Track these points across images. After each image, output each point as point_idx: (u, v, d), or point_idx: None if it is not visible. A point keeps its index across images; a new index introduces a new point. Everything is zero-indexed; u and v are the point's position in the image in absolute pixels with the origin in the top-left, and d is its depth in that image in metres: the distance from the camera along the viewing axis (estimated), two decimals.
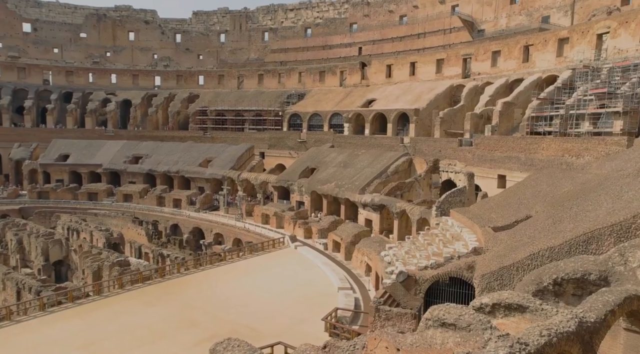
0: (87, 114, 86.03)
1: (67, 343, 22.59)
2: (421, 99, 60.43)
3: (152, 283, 32.17)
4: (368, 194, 44.44)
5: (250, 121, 79.66)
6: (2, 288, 36.32)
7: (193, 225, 57.20)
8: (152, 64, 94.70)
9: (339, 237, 40.73)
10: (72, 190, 68.13)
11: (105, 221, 59.68)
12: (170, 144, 74.80)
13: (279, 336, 20.98)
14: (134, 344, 22.31)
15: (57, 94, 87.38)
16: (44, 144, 76.18)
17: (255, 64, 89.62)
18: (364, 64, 75.32)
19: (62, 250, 46.93)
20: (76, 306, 28.06)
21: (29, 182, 71.36)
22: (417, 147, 50.52)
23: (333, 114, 69.74)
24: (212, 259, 38.19)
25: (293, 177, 55.94)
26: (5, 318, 25.96)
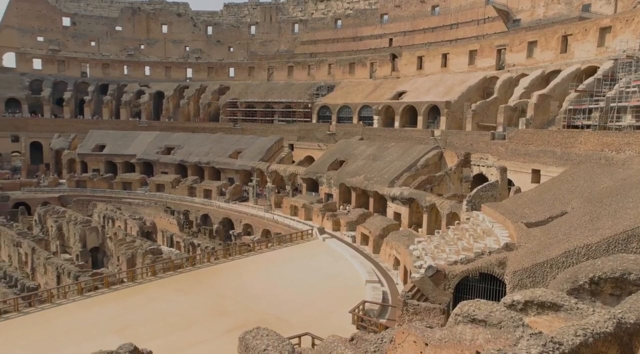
0: (122, 106, 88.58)
1: (104, 327, 23.48)
2: (453, 91, 59.22)
3: (183, 272, 32.98)
4: (397, 187, 44.07)
5: (280, 113, 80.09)
6: (43, 272, 38.06)
7: (223, 215, 58.21)
8: (184, 56, 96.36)
9: (367, 230, 40.63)
10: (107, 179, 70.46)
11: (138, 210, 61.51)
12: (201, 136, 76.12)
13: (307, 327, 21.19)
14: (167, 330, 22.98)
15: (94, 86, 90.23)
16: (82, 134, 78.95)
17: (285, 56, 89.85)
18: (395, 55, 74.34)
19: (99, 237, 48.71)
20: (111, 291, 29.09)
21: (67, 172, 74.20)
22: (448, 140, 49.64)
23: (362, 106, 69.29)
24: (242, 250, 38.82)
25: (322, 169, 56.02)
26: (47, 301, 27.23)
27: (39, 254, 40.03)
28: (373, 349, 12.59)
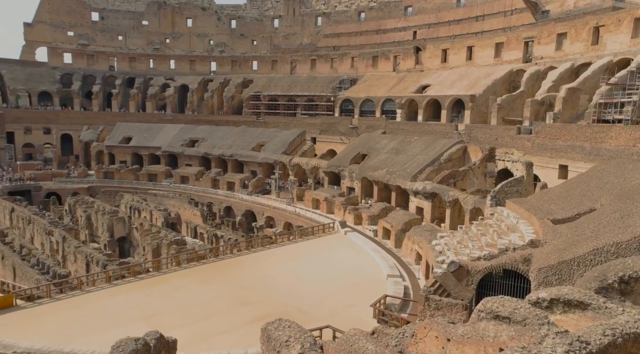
0: (148, 99, 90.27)
1: (131, 314, 24.19)
2: (478, 85, 58.15)
3: (206, 262, 33.60)
4: (420, 181, 43.70)
5: (302, 106, 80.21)
6: (74, 260, 39.36)
7: (245, 208, 58.90)
8: (208, 50, 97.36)
9: (389, 224, 40.49)
10: (134, 171, 72.10)
11: (163, 201, 62.80)
12: (224, 129, 76.97)
13: (328, 320, 21.34)
14: (191, 319, 23.51)
15: (121, 79, 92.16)
16: (110, 127, 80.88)
17: (307, 49, 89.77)
18: (419, 48, 73.35)
19: (125, 227, 49.98)
20: (138, 280, 29.89)
21: (96, 163, 76.26)
22: (472, 134, 48.85)
23: (385, 99, 68.76)
24: (264, 242, 39.25)
25: (344, 163, 55.97)
26: (77, 288, 28.19)
27: (69, 242, 41.39)
28: (394, 343, 12.61)
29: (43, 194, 66.61)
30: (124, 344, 8.01)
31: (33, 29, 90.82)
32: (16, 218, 53.35)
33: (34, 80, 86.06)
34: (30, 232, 49.63)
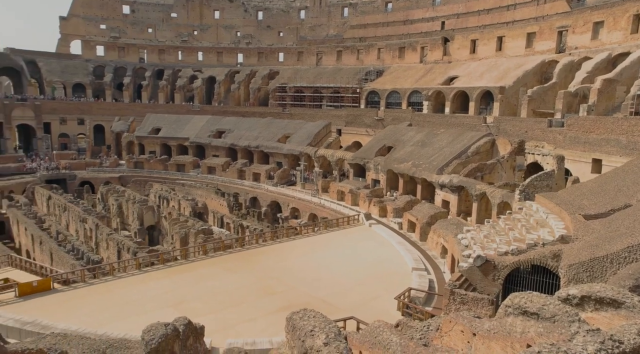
0: (176, 90, 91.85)
1: (160, 300, 24.92)
2: (507, 76, 56.70)
3: (232, 252, 34.19)
4: (446, 174, 43.14)
5: (328, 98, 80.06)
6: (106, 247, 40.70)
7: (271, 199, 59.48)
8: (235, 42, 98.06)
9: (414, 217, 40.21)
10: (162, 161, 73.71)
11: (191, 191, 64.04)
12: (250, 120, 77.66)
13: (351, 311, 21.47)
14: (218, 306, 24.05)
15: (151, 71, 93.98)
16: (140, 118, 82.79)
17: (334, 41, 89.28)
18: (447, 39, 71.95)
19: (155, 216, 51.27)
20: (166, 267, 30.69)
21: (127, 153, 78.29)
22: (501, 127, 47.79)
23: (412, 91, 67.89)
24: (289, 233, 39.61)
25: (369, 155, 55.73)
26: (109, 273, 29.20)
27: (101, 230, 42.80)
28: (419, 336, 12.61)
29: (77, 182, 68.95)
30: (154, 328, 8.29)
31: (68, 22, 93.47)
32: (53, 205, 55.45)
33: (68, 72, 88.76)
34: (65, 219, 51.51)
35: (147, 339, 7.65)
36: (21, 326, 20.81)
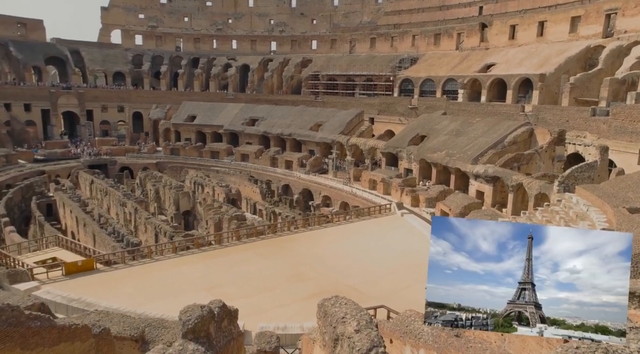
0: (211, 78, 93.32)
1: (195, 284, 25.75)
2: (548, 63, 54.52)
3: (265, 238, 34.78)
4: (481, 164, 42.22)
5: (361, 86, 79.40)
6: (144, 230, 42.26)
7: (303, 186, 59.94)
8: (268, 30, 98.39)
9: (447, 207, 39.68)
10: (197, 148, 75.39)
11: (225, 178, 65.34)
12: (283, 108, 78.11)
13: (382, 300, 21.54)
14: (251, 291, 24.64)
15: (187, 59, 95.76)
16: (176, 105, 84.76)
17: (367, 28, 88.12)
18: (484, 25, 69.68)
19: (190, 202, 52.70)
20: (201, 252, 31.58)
21: (163, 140, 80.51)
22: (540, 116, 46.19)
23: (447, 79, 66.40)
24: (320, 220, 39.91)
25: (402, 144, 55.14)
26: (147, 256, 30.36)
27: (140, 214, 44.41)
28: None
29: (117, 168, 71.60)
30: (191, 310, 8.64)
31: (109, 12, 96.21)
32: (95, 189, 57.88)
33: (109, 61, 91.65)
34: (107, 202, 53.71)
35: (184, 320, 8.01)
36: (68, 302, 22.04)
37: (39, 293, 23.02)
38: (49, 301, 20.15)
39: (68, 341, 11.01)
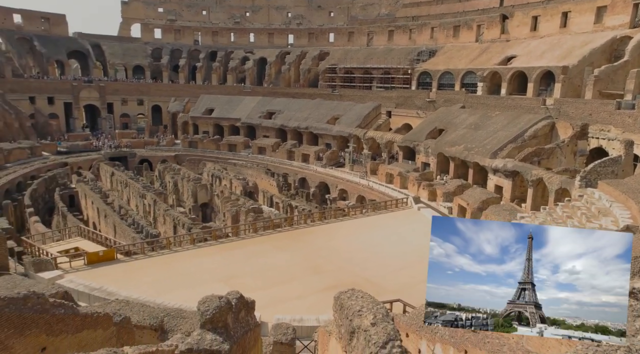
0: (229, 72, 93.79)
1: (212, 274, 26.12)
2: (572, 55, 53.20)
3: (281, 231, 35.00)
4: (500, 158, 41.60)
5: (378, 79, 78.80)
6: (163, 222, 42.93)
7: (319, 180, 60.01)
8: (285, 23, 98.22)
9: (465, 202, 39.28)
10: (215, 141, 76.02)
11: (242, 171, 65.82)
12: (300, 101, 78.10)
13: (398, 294, 21.52)
14: (267, 282, 24.88)
15: (205, 53, 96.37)
16: (194, 98, 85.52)
17: (385, 20, 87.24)
18: (505, 16, 68.27)
19: (208, 194, 53.28)
20: (218, 244, 31.97)
21: (182, 133, 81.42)
22: (562, 109, 45.20)
23: (466, 72, 65.41)
24: (336, 214, 39.94)
25: (419, 137, 54.67)
26: (166, 247, 30.86)
27: (159, 206, 45.11)
28: None
29: (137, 160, 72.75)
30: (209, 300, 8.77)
31: (129, 6, 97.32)
32: (115, 181, 58.97)
33: (129, 54, 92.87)
34: (127, 194, 54.68)
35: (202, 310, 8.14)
36: (90, 291, 22.60)
37: (62, 281, 23.67)
38: (71, 290, 20.69)
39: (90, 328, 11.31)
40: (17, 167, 56.91)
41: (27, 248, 31.72)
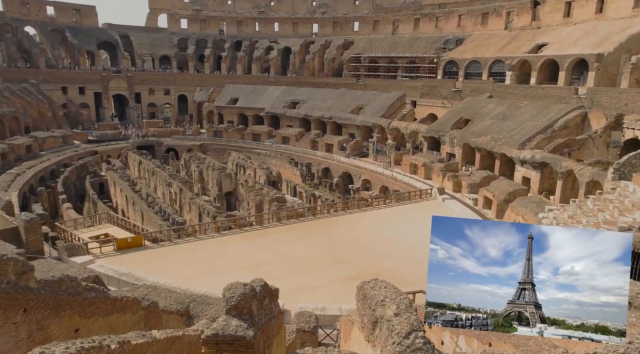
0: (253, 61, 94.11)
1: (236, 262, 26.55)
2: (607, 42, 51.10)
3: (305, 220, 35.24)
4: (528, 150, 40.59)
5: (403, 68, 77.68)
6: (188, 210, 43.76)
7: (343, 169, 59.91)
8: (310, 11, 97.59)
9: (490, 193, 38.60)
10: (239, 130, 76.70)
11: (266, 160, 66.30)
12: (324, 91, 77.81)
13: (421, 285, 21.28)
14: (289, 271, 25.15)
15: (230, 42, 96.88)
16: (219, 88, 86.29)
17: (411, 8, 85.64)
18: (537, 2, 65.98)
19: (232, 183, 53.93)
20: (242, 232, 32.46)
21: (207, 122, 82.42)
22: (596, 99, 43.63)
23: (494, 61, 63.75)
24: (360, 204, 39.89)
25: (445, 128, 53.81)
26: (191, 235, 31.51)
27: (185, 194, 45.96)
28: None
29: (163, 149, 74.16)
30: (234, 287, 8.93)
31: None
32: (143, 170, 60.34)
33: (156, 45, 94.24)
34: (154, 182, 55.92)
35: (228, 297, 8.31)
36: (119, 276, 23.33)
37: (93, 266, 24.50)
38: (102, 274, 21.40)
39: (120, 312, 11.70)
40: (50, 155, 58.84)
41: (61, 234, 32.91)
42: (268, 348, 9.47)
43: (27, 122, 64.89)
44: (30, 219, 23.30)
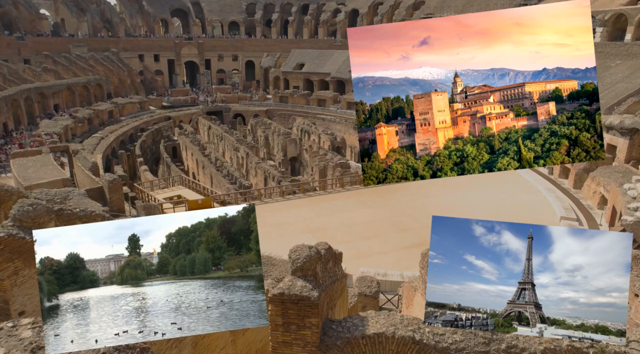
0: (320, 25, 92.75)
1: (300, 226, 27.17)
2: None
3: (368, 187, 34.98)
4: (616, 114, 36.85)
5: None
6: (254, 174, 45.14)
7: None
8: None
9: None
10: (305, 96, 76.79)
11: (330, 126, 66.14)
12: None
13: None
14: (351, 237, 25.32)
15: (297, 6, 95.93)
16: (285, 53, 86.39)
17: None
18: None
19: (297, 148, 54.60)
20: (306, 197, 33.00)
21: (273, 88, 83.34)
22: None
23: None
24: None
25: None
26: (257, 198, 32.59)
27: (251, 159, 47.33)
28: None
29: (231, 115, 76.38)
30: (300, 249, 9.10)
31: None
32: (212, 135, 62.76)
33: (225, 11, 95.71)
34: (222, 147, 58.08)
35: (294, 258, 8.50)
36: None
37: None
38: None
39: None
40: (129, 120, 62.84)
41: (139, 194, 35.42)
42: (331, 309, 9.63)
43: (109, 89, 69.49)
44: (113, 180, 25.14)
